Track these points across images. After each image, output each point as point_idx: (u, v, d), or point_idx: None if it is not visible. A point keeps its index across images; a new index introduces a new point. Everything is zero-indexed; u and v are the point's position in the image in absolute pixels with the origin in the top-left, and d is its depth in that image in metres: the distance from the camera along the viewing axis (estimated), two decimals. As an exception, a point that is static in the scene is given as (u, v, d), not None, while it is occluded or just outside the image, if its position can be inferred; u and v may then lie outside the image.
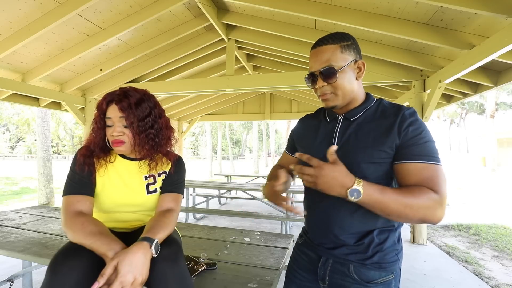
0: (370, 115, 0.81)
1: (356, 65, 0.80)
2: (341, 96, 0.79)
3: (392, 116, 0.76)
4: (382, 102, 0.83)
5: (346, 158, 0.77)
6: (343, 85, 0.78)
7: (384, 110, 0.79)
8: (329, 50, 0.77)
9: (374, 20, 2.32)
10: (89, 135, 1.02)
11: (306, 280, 0.89)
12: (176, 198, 1.04)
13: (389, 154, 0.74)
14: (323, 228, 0.84)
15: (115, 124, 0.95)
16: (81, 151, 0.98)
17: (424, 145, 0.71)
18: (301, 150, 0.94)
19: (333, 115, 0.87)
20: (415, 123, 0.73)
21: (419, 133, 0.72)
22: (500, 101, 19.80)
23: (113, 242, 0.80)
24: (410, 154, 0.71)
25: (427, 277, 2.56)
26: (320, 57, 0.78)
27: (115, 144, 0.96)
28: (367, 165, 0.75)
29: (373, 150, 0.75)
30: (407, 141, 0.72)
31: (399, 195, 0.67)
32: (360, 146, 0.77)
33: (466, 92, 3.36)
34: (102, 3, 2.51)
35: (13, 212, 2.21)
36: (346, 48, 0.78)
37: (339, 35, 0.80)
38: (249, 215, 3.68)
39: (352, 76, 0.79)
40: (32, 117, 22.35)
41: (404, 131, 0.72)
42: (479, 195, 7.90)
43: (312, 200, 0.89)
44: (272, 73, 3.90)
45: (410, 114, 0.75)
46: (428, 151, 0.71)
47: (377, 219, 0.79)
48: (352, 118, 0.82)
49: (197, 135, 39.94)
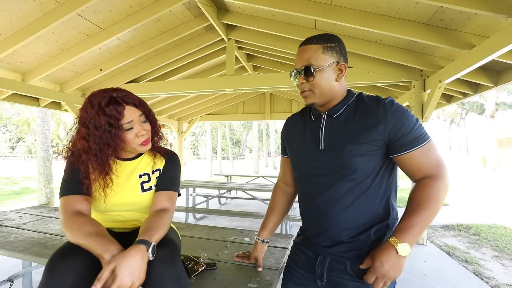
0: (352, 110, 0.83)
1: (338, 67, 0.81)
2: (318, 94, 0.82)
3: (374, 108, 0.79)
4: (361, 95, 0.85)
5: (335, 154, 0.81)
6: (320, 84, 0.80)
7: (364, 103, 0.82)
8: (311, 50, 0.81)
9: (374, 20, 2.32)
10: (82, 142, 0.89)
11: (304, 278, 0.90)
12: (171, 196, 1.02)
13: (376, 146, 0.77)
14: (319, 225, 0.86)
15: (136, 124, 0.92)
16: (74, 155, 0.94)
17: (411, 133, 0.75)
18: (291, 150, 0.96)
19: (317, 113, 0.89)
20: (396, 113, 0.76)
21: (404, 122, 0.75)
22: (500, 101, 19.81)
23: (110, 243, 0.79)
24: (403, 145, 0.76)
25: (427, 277, 2.56)
26: (302, 56, 0.82)
27: (146, 143, 0.95)
28: (356, 158, 0.78)
29: (359, 144, 0.77)
30: (395, 135, 0.76)
31: (421, 215, 0.73)
32: (346, 141, 0.79)
33: (466, 92, 3.36)
34: (102, 3, 2.51)
35: (13, 212, 2.20)
36: (328, 49, 0.80)
37: (324, 36, 0.82)
38: (249, 215, 3.68)
39: (332, 77, 0.81)
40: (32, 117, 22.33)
41: (389, 124, 0.75)
42: (479, 195, 7.89)
43: (307, 198, 0.90)
44: (272, 73, 3.89)
45: (390, 103, 0.78)
46: (415, 136, 0.76)
47: (373, 212, 0.81)
48: (335, 115, 0.84)
49: (197, 135, 39.92)
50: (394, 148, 0.77)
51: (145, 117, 0.96)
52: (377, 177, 0.80)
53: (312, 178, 0.86)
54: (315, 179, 0.85)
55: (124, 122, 0.89)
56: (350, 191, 0.79)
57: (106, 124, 0.86)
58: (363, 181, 0.79)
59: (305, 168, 0.89)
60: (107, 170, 0.93)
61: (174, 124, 6.85)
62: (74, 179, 0.93)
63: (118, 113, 0.87)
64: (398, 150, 0.77)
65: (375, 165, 0.79)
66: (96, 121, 0.86)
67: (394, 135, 0.75)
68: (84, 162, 0.91)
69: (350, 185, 0.79)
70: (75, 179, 0.93)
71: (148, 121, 0.98)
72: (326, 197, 0.82)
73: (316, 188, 0.85)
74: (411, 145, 0.75)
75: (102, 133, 0.87)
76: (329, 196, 0.82)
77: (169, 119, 6.60)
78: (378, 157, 0.79)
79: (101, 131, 0.87)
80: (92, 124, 0.87)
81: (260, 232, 1.10)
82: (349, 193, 0.79)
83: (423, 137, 0.76)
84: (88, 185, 0.94)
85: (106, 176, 0.93)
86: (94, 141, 0.87)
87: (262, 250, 1.11)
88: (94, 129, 0.87)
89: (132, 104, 0.92)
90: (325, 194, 0.82)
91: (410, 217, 0.74)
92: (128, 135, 0.91)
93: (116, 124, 0.87)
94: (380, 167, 0.80)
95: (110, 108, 0.86)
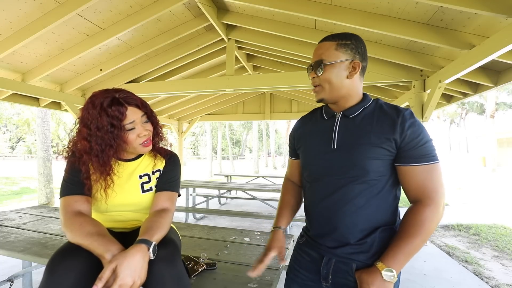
0: (369, 113, 0.83)
1: (352, 65, 0.81)
2: (328, 90, 0.83)
3: (393, 115, 0.78)
4: (379, 102, 0.86)
5: (349, 154, 0.80)
6: (330, 79, 0.81)
7: (383, 109, 0.82)
8: (325, 46, 0.82)
9: (374, 20, 2.32)
10: (83, 143, 0.89)
11: (308, 279, 0.89)
12: (171, 196, 1.02)
13: (390, 151, 0.77)
14: (327, 225, 0.85)
15: (138, 125, 0.92)
16: (74, 155, 0.94)
17: (421, 148, 0.75)
18: (303, 150, 0.95)
19: (331, 113, 0.89)
20: (414, 125, 0.76)
21: (418, 135, 0.75)
22: (500, 101, 19.81)
23: (111, 243, 0.79)
24: (409, 157, 0.76)
25: (427, 277, 2.56)
26: (316, 52, 0.84)
27: (147, 144, 0.95)
28: (369, 161, 0.78)
29: (375, 147, 0.77)
30: (407, 144, 0.76)
31: (407, 242, 0.73)
32: (361, 142, 0.79)
33: (466, 92, 3.36)
34: (102, 3, 2.51)
35: (13, 212, 2.21)
36: (342, 46, 0.81)
37: (341, 34, 0.83)
38: (249, 215, 3.68)
39: (343, 73, 0.81)
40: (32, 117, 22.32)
41: (406, 132, 0.75)
42: (479, 195, 7.89)
43: (314, 198, 0.89)
44: (272, 73, 3.89)
45: (409, 115, 0.78)
46: (425, 152, 0.75)
47: (381, 216, 0.80)
48: (351, 116, 0.84)
49: (197, 135, 39.93)
50: (401, 157, 0.77)
51: (146, 118, 0.97)
52: (388, 182, 0.80)
53: (323, 177, 0.85)
54: (326, 179, 0.84)
55: (126, 123, 0.89)
56: (361, 192, 0.79)
57: (108, 124, 0.86)
58: (375, 185, 0.79)
59: (316, 167, 0.88)
60: (108, 170, 0.93)
61: (174, 124, 6.85)
62: (75, 180, 0.92)
63: (121, 114, 0.87)
64: (403, 160, 0.77)
65: (387, 170, 0.79)
66: (98, 122, 0.86)
67: (406, 144, 0.76)
68: (85, 162, 0.91)
69: (362, 187, 0.79)
70: (76, 180, 0.92)
71: (149, 121, 0.98)
72: (336, 197, 0.81)
73: (326, 188, 0.84)
74: (417, 160, 0.75)
75: (104, 134, 0.86)
76: (340, 196, 0.81)
77: (169, 119, 6.60)
78: (390, 163, 0.79)
79: (103, 132, 0.86)
80: (94, 124, 0.87)
81: (279, 220, 0.98)
82: (361, 194, 0.79)
83: (431, 156, 0.75)
84: (89, 185, 0.93)
85: (107, 177, 0.93)
86: (95, 141, 0.87)
87: (284, 240, 0.97)
88: (96, 129, 0.86)
89: (134, 105, 0.92)
90: (336, 194, 0.82)
91: (399, 243, 0.74)
92: (130, 135, 0.91)
93: (118, 125, 0.87)
94: (392, 172, 0.80)
95: (113, 109, 0.86)
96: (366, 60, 0.85)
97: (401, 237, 0.75)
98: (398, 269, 0.72)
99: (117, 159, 0.98)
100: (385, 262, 0.73)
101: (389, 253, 0.74)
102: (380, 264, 0.73)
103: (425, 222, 0.73)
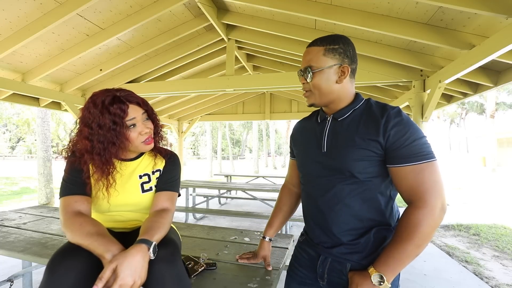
0: (357, 115, 0.82)
1: (341, 69, 0.80)
2: (318, 95, 0.83)
3: (378, 116, 0.77)
4: (369, 102, 0.84)
5: (337, 157, 0.81)
6: (319, 85, 0.81)
7: (371, 109, 0.81)
8: (313, 52, 0.82)
9: (374, 20, 2.32)
10: (84, 142, 0.89)
11: (306, 278, 0.91)
12: (171, 196, 1.02)
13: (376, 153, 0.76)
14: (321, 226, 0.86)
15: (139, 122, 0.94)
16: (74, 155, 0.94)
17: (409, 147, 0.72)
18: (297, 152, 0.98)
19: (323, 116, 0.89)
20: (400, 124, 0.73)
21: (404, 133, 0.72)
22: (500, 101, 19.79)
23: (111, 243, 0.79)
24: (397, 158, 0.73)
25: (427, 277, 2.56)
26: (305, 57, 0.84)
27: (149, 142, 0.96)
28: (356, 162, 0.77)
29: (360, 149, 0.77)
30: (392, 144, 0.73)
31: (399, 248, 0.71)
32: (348, 144, 0.79)
33: (466, 92, 3.36)
34: (102, 3, 2.51)
35: (13, 212, 2.21)
36: (330, 51, 0.80)
37: (329, 38, 0.81)
38: (249, 215, 3.68)
39: (332, 78, 0.81)
40: (32, 117, 22.30)
41: (388, 132, 0.73)
42: (479, 195, 7.89)
43: (309, 198, 0.91)
44: (272, 73, 3.89)
45: (395, 113, 0.75)
46: (414, 151, 0.71)
47: (374, 216, 0.80)
48: (339, 118, 0.84)
49: (197, 135, 39.92)
50: (388, 158, 0.75)
51: (147, 115, 0.97)
52: (381, 182, 0.79)
53: (315, 179, 0.87)
54: (318, 180, 0.86)
55: (128, 119, 0.90)
56: (352, 193, 0.79)
57: (111, 122, 0.87)
58: (367, 185, 0.78)
59: (308, 169, 0.90)
60: (110, 169, 0.93)
61: (174, 124, 6.85)
62: (75, 179, 0.92)
63: (123, 112, 0.88)
64: (391, 161, 0.75)
65: (378, 170, 0.78)
66: (100, 120, 0.86)
67: (391, 144, 0.73)
68: (86, 162, 0.91)
69: (352, 187, 0.79)
70: (76, 179, 0.92)
71: (150, 120, 0.99)
72: (328, 197, 0.82)
73: (318, 189, 0.86)
74: (406, 160, 0.72)
75: (106, 132, 0.87)
76: (331, 196, 0.82)
77: (169, 119, 6.60)
78: (380, 164, 0.78)
79: (105, 130, 0.87)
80: (95, 123, 0.87)
81: (267, 231, 1.12)
82: (351, 194, 0.79)
83: (422, 155, 0.71)
84: (90, 185, 0.94)
85: (108, 176, 0.93)
86: (98, 140, 0.87)
87: (269, 248, 1.14)
88: (97, 128, 0.87)
89: (135, 103, 0.93)
90: (327, 194, 0.83)
91: (390, 249, 0.73)
92: (131, 133, 0.91)
93: (120, 122, 0.88)
94: (385, 172, 0.79)
95: (114, 107, 0.87)
96: (355, 62, 0.84)
97: (393, 241, 0.73)
98: (389, 275, 0.71)
99: (117, 158, 0.98)
100: (376, 267, 0.73)
101: (381, 259, 0.73)
102: (371, 269, 0.73)
103: (418, 226, 0.69)
